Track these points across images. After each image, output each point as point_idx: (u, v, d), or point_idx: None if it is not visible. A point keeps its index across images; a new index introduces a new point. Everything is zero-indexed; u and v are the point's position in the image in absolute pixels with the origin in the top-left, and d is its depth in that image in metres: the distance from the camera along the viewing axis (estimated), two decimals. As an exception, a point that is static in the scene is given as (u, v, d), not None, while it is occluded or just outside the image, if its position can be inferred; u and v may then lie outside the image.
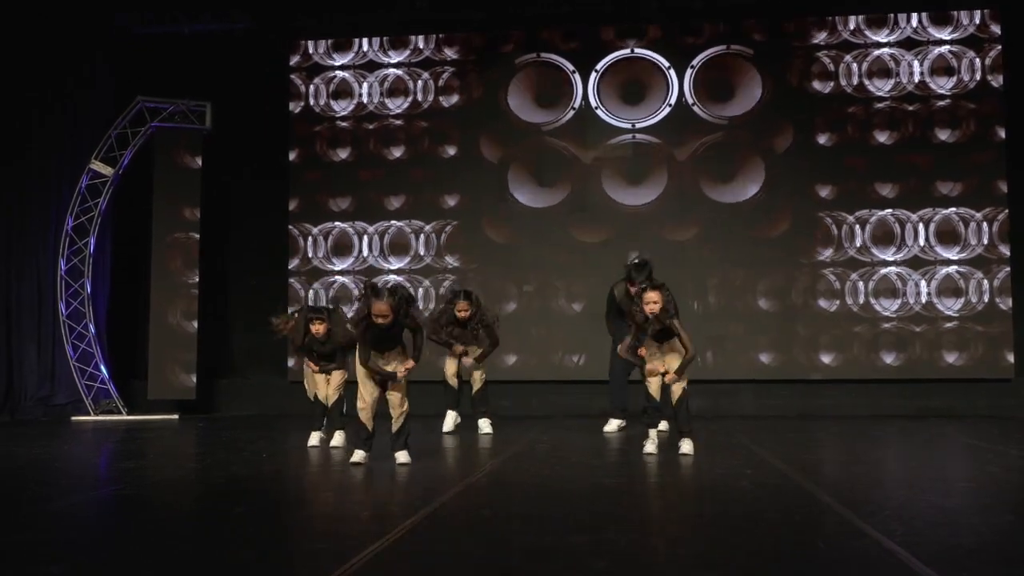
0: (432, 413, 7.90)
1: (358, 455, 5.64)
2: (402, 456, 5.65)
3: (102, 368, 10.26)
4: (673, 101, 10.48)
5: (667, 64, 10.51)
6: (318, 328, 6.64)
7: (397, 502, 4.68)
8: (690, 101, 10.45)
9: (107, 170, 10.34)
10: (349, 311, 8.77)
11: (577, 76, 10.60)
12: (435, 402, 7.91)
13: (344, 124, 10.94)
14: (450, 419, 7.87)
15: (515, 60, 10.68)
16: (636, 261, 7.94)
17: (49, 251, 10.28)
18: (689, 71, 10.47)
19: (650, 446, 6.24)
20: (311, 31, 10.96)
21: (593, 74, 10.57)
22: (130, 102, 10.40)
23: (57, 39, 10.34)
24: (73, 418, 10.01)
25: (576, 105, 10.59)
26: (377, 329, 5.46)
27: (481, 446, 7.04)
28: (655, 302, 6.01)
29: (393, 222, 10.75)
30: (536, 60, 10.68)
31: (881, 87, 10.31)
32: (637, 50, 10.57)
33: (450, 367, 7.90)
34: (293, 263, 10.76)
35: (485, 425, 7.80)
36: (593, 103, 10.57)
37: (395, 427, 5.64)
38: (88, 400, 10.13)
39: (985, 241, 10.02)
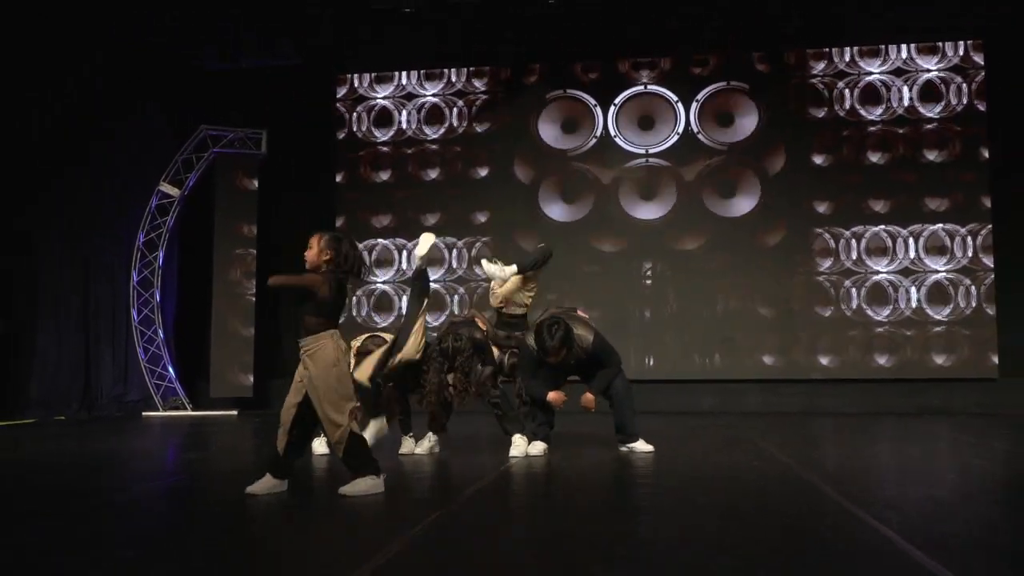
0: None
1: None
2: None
3: (169, 369, 10.35)
4: (681, 130, 10.52)
5: (675, 98, 10.57)
6: None
7: (432, 491, 4.67)
8: (695, 129, 10.50)
9: (174, 191, 10.44)
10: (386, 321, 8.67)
11: (598, 109, 10.67)
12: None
13: (385, 149, 10.99)
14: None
15: (545, 95, 10.77)
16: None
17: (122, 265, 10.38)
18: (694, 104, 10.52)
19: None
20: (355, 66, 11.03)
21: (612, 107, 10.65)
22: (194, 131, 10.50)
23: (129, 71, 10.44)
24: (144, 414, 10.10)
25: (597, 133, 10.66)
26: None
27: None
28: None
29: (430, 237, 10.76)
30: (563, 95, 10.75)
31: (873, 111, 10.24)
32: (650, 86, 10.62)
33: None
34: (340, 274, 10.79)
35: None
36: (612, 132, 10.63)
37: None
38: (157, 397, 10.21)
39: (970, 253, 9.92)
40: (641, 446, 5.90)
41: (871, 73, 10.29)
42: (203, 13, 9.75)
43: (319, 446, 5.74)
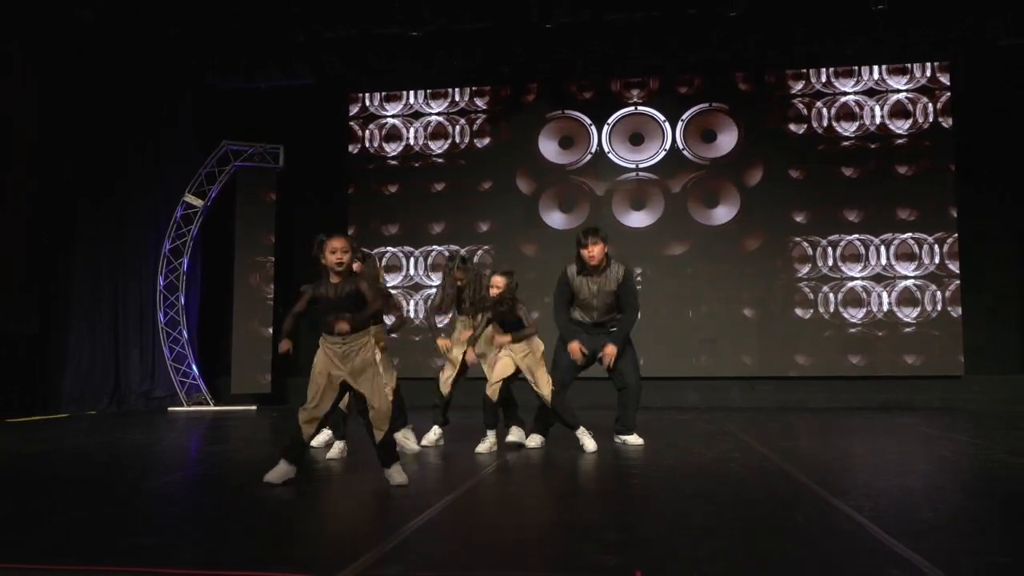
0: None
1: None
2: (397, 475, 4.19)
3: (193, 367, 10.34)
4: (668, 146, 10.54)
5: (663, 118, 10.59)
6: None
7: (435, 482, 4.67)
8: (681, 146, 10.52)
9: (198, 202, 10.45)
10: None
11: (593, 128, 10.70)
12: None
13: (394, 163, 10.99)
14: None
15: (544, 114, 10.78)
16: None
17: (150, 270, 10.38)
18: (680, 123, 10.54)
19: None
20: (366, 85, 11.05)
21: (606, 126, 10.67)
22: (217, 146, 10.52)
23: (153, 91, 10.46)
24: (169, 409, 10.09)
25: (592, 150, 10.67)
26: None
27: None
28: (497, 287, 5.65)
29: (435, 246, 10.78)
30: (562, 115, 10.78)
31: (847, 128, 10.25)
32: (640, 107, 10.64)
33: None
34: (352, 279, 10.80)
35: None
36: (606, 148, 10.64)
37: (379, 438, 4.18)
38: (181, 394, 10.21)
39: (937, 260, 9.93)
40: (634, 440, 6.04)
41: (846, 93, 10.31)
42: (223, 37, 9.78)
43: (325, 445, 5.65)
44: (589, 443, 5.62)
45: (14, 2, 8.80)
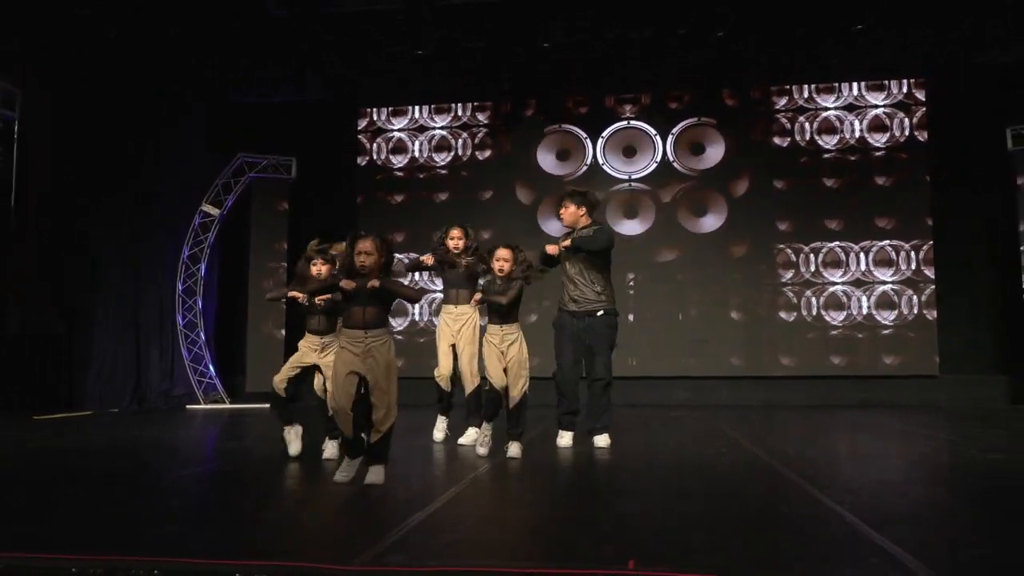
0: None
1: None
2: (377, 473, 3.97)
3: (210, 367, 10.33)
4: (659, 159, 10.54)
5: (654, 132, 10.59)
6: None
7: (437, 476, 4.65)
8: (671, 158, 10.51)
9: (215, 211, 10.45)
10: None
11: (588, 140, 10.69)
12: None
13: (400, 174, 10.99)
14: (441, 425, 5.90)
15: (542, 128, 10.76)
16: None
17: (168, 275, 10.36)
18: (670, 136, 10.53)
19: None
20: (374, 101, 11.04)
21: (600, 139, 10.67)
22: (232, 158, 10.51)
23: (169, 102, 10.44)
24: (187, 407, 10.07)
25: (587, 161, 10.67)
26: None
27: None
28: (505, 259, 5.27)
29: (439, 252, 10.76)
30: (558, 129, 10.77)
31: (828, 141, 10.25)
32: (632, 121, 10.65)
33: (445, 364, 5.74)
34: (360, 284, 10.78)
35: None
36: (600, 160, 10.65)
37: (375, 438, 3.96)
38: (199, 392, 10.19)
39: (913, 266, 9.92)
40: (600, 440, 5.60)
41: (827, 108, 10.31)
42: (239, 53, 9.77)
43: (330, 448, 5.17)
44: (484, 451, 5.15)
45: (36, 21, 8.79)
